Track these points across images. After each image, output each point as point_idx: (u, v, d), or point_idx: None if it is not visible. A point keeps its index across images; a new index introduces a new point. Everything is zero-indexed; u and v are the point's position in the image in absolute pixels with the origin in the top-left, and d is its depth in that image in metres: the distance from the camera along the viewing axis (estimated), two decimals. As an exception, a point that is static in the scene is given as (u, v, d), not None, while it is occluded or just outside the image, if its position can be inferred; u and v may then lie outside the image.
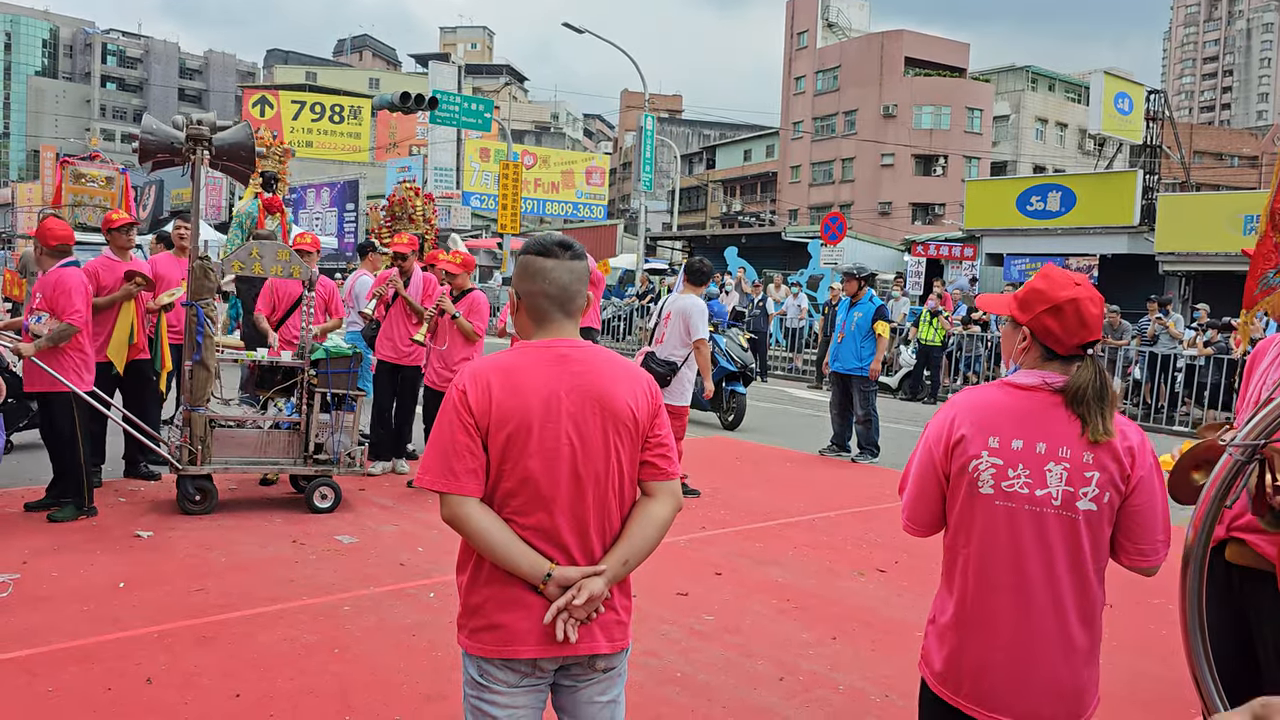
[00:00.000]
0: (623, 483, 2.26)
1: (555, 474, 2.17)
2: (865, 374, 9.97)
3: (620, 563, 2.23)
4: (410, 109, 20.64)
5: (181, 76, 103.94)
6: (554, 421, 2.17)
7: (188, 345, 6.43)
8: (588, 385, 2.21)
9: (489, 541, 2.16)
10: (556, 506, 2.18)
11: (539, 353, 2.24)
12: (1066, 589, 2.23)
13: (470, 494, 2.17)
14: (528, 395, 2.17)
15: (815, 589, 5.63)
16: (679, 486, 2.34)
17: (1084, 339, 2.27)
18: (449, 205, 39.51)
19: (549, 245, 2.30)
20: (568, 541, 2.20)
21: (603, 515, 2.23)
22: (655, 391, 2.33)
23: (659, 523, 2.29)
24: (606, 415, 2.21)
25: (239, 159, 6.74)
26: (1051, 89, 55.85)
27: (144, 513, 6.49)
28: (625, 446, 2.24)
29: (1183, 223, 21.40)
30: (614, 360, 2.31)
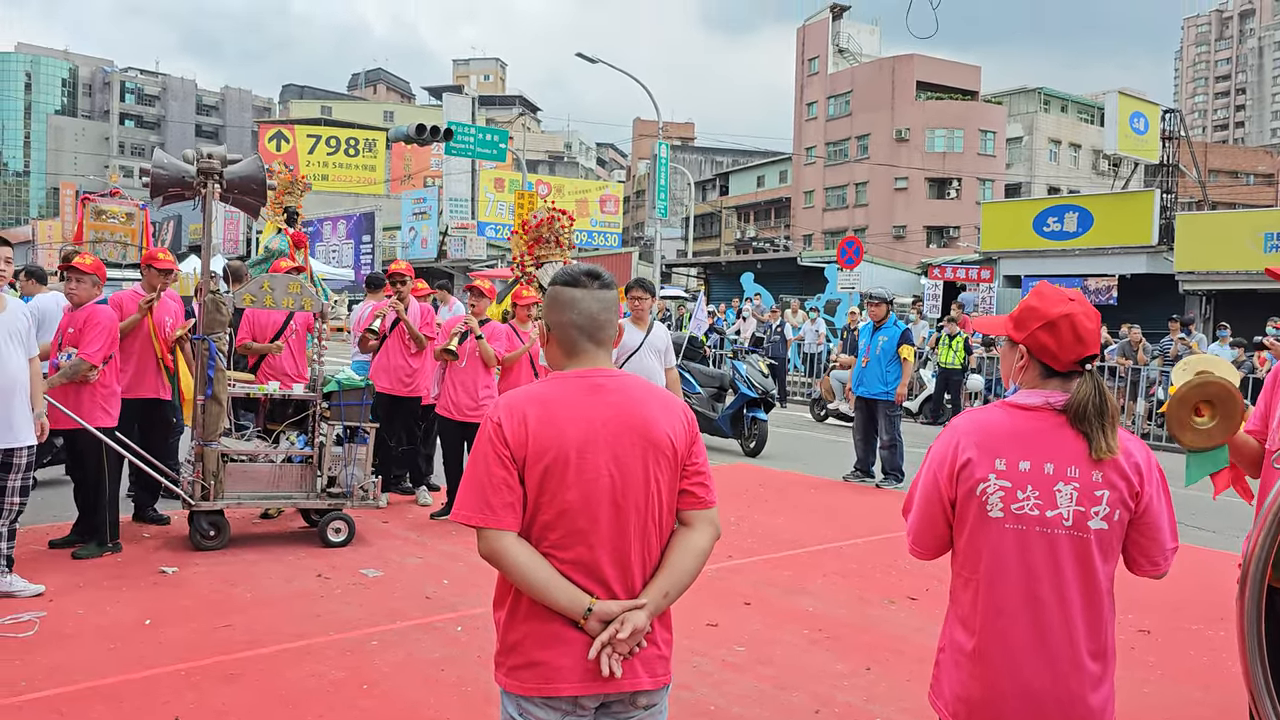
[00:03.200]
0: (662, 513, 2.22)
1: (594, 506, 2.13)
2: (891, 398, 9.91)
3: (661, 594, 2.19)
4: (425, 141, 20.72)
5: (198, 113, 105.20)
6: (592, 453, 2.14)
7: (199, 380, 6.42)
8: (625, 415, 2.18)
9: (528, 576, 2.12)
10: (596, 539, 2.14)
11: (573, 383, 2.21)
12: (1078, 610, 2.20)
13: (508, 528, 2.14)
14: (564, 426, 2.14)
15: (846, 618, 5.55)
16: (717, 515, 2.31)
17: (1080, 354, 2.25)
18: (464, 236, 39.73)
19: (577, 275, 2.29)
20: (608, 575, 2.15)
21: (643, 547, 2.19)
22: (691, 419, 2.30)
23: (699, 552, 2.24)
24: (646, 445, 2.17)
25: (250, 192, 6.75)
26: (1064, 110, 55.86)
27: (167, 548, 6.47)
28: (665, 476, 2.20)
29: (1202, 241, 21.28)
30: (650, 389, 2.28)
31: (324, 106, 77.24)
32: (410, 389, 8.24)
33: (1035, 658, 2.20)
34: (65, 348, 6.12)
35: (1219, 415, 2.88)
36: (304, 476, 6.85)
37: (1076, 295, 2.30)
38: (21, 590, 5.29)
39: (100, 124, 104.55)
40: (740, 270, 30.98)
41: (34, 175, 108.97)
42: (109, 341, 6.13)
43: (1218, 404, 2.87)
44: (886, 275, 29.83)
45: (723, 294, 31.62)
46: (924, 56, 51.67)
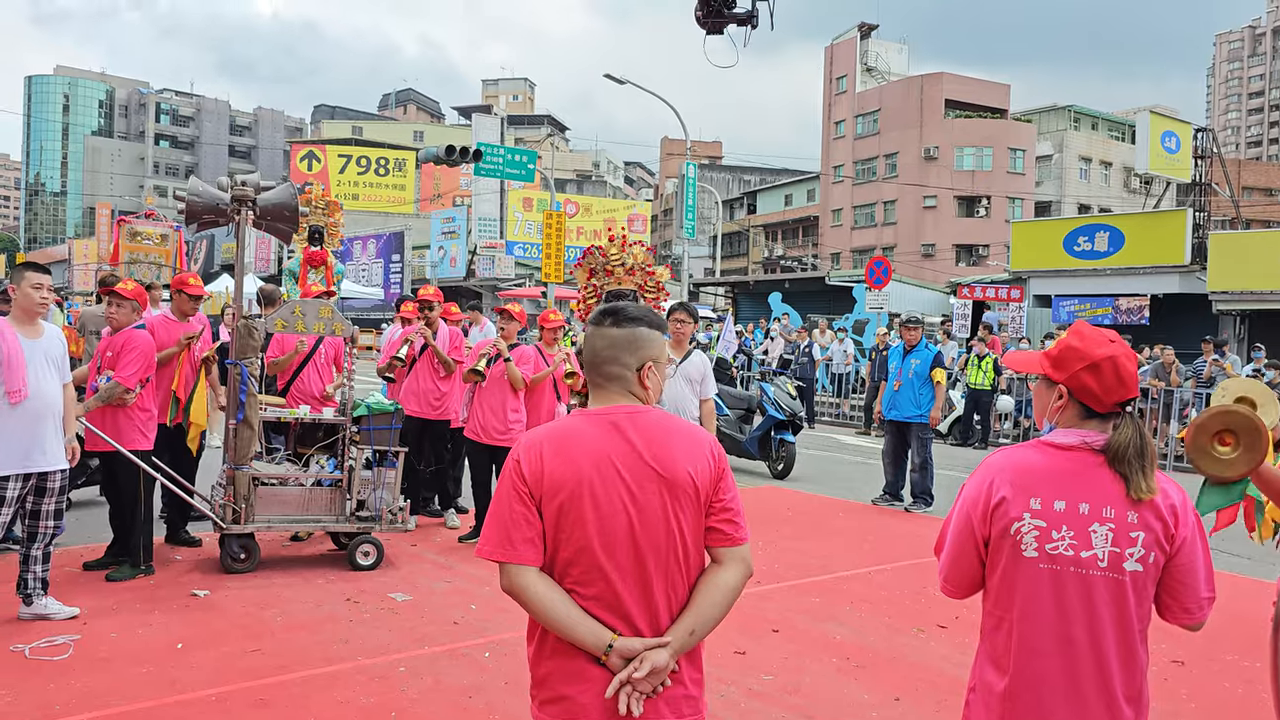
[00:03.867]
0: (687, 551, 2.20)
1: (613, 543, 2.14)
2: (924, 421, 9.88)
3: (686, 633, 2.17)
4: (455, 162, 20.90)
5: (232, 133, 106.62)
6: (608, 490, 2.15)
7: (231, 404, 6.48)
8: (643, 452, 2.18)
9: (548, 612, 2.15)
10: (617, 576, 2.15)
11: (592, 419, 2.24)
12: (1113, 653, 2.18)
13: (528, 563, 2.17)
14: (580, 463, 2.16)
15: (875, 646, 5.51)
16: (748, 552, 2.29)
17: (1122, 396, 2.24)
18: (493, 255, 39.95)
19: (596, 314, 2.35)
20: (631, 611, 2.15)
21: (668, 584, 2.18)
22: (719, 456, 2.27)
23: (727, 591, 2.23)
24: (664, 483, 2.17)
25: (283, 218, 6.84)
26: (1095, 128, 55.49)
27: (199, 570, 6.53)
28: (687, 514, 2.19)
29: (1236, 261, 21.04)
30: (673, 425, 2.27)
31: (355, 127, 78.06)
32: (439, 412, 8.29)
33: (1068, 701, 2.18)
34: (103, 371, 6.21)
35: (1242, 447, 2.84)
36: (333, 500, 6.91)
37: (1116, 336, 2.30)
38: (56, 613, 5.35)
39: (136, 144, 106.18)
40: (768, 289, 30.99)
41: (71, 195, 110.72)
42: (145, 365, 6.22)
43: (1241, 435, 2.82)
44: (915, 295, 29.71)
45: (750, 313, 31.60)
46: (952, 75, 51.63)
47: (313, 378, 8.08)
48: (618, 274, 9.58)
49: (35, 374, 5.16)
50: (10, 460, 5.07)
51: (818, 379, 20.58)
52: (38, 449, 5.18)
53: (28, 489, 5.22)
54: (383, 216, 50.58)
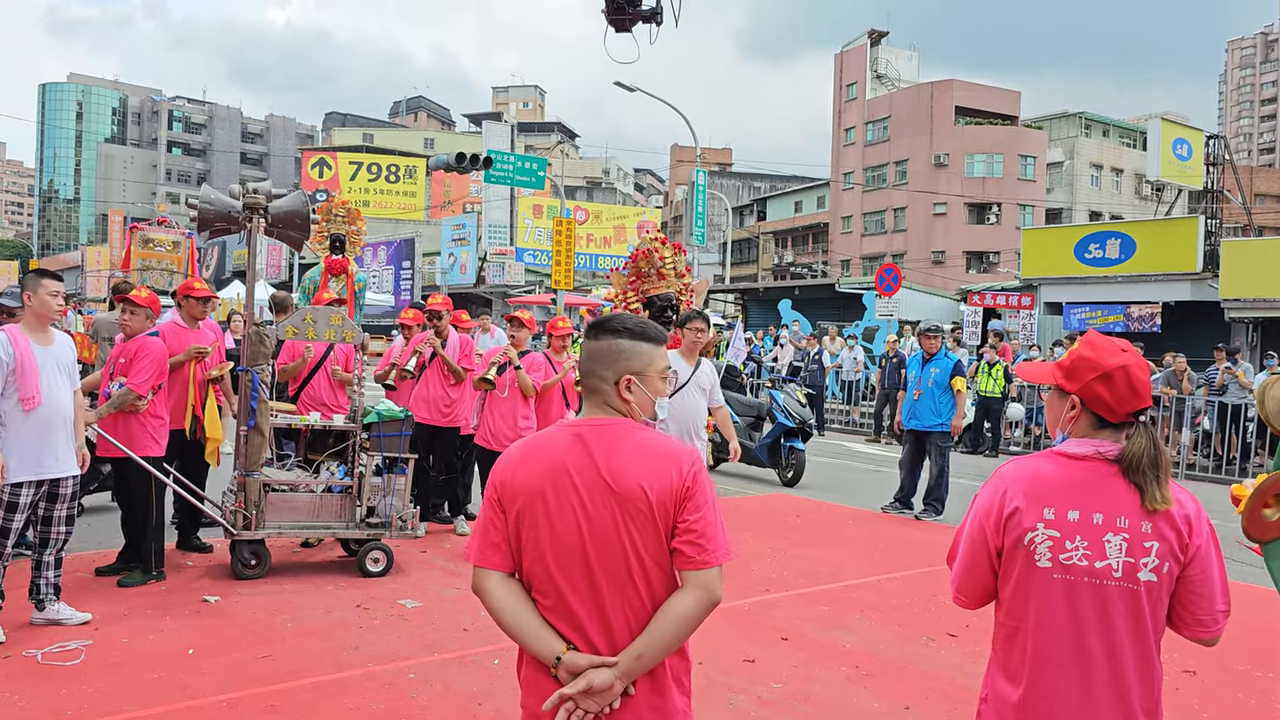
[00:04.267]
0: (645, 569, 2.13)
1: (565, 555, 2.13)
2: (945, 429, 9.85)
3: (634, 657, 2.11)
4: (465, 169, 20.93)
5: (244, 140, 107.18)
6: (561, 501, 2.13)
7: (242, 411, 6.51)
8: (599, 465, 2.13)
9: (501, 618, 2.18)
10: (569, 588, 2.13)
11: (563, 430, 2.24)
12: (1129, 663, 2.17)
13: (493, 568, 2.20)
14: (538, 473, 2.17)
15: (885, 655, 5.50)
16: (715, 576, 2.14)
17: (1135, 406, 2.24)
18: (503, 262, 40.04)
19: (589, 326, 2.34)
20: (585, 625, 2.13)
21: (625, 602, 2.13)
22: (691, 474, 2.15)
23: (677, 619, 2.12)
24: (615, 498, 2.11)
25: (294, 226, 6.87)
26: (1106, 134, 55.37)
27: (210, 576, 6.56)
28: (640, 531, 2.11)
29: (1248, 268, 20.93)
30: (641, 440, 2.19)
31: (366, 134, 78.36)
32: (449, 419, 8.31)
33: (1083, 712, 2.17)
34: (116, 377, 6.24)
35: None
36: (344, 506, 6.93)
37: (1128, 346, 2.29)
38: (68, 618, 5.38)
39: (148, 152, 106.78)
40: (778, 297, 30.95)
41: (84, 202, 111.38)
42: (158, 372, 6.25)
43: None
44: (925, 302, 29.66)
45: (760, 320, 31.58)
46: (962, 81, 51.53)
47: (323, 384, 8.11)
48: (670, 278, 9.36)
49: (48, 381, 5.19)
50: (24, 467, 5.10)
51: (827, 386, 20.56)
52: (50, 455, 5.21)
53: (40, 495, 5.25)
54: (393, 223, 50.73)
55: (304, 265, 41.56)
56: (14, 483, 5.07)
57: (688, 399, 7.18)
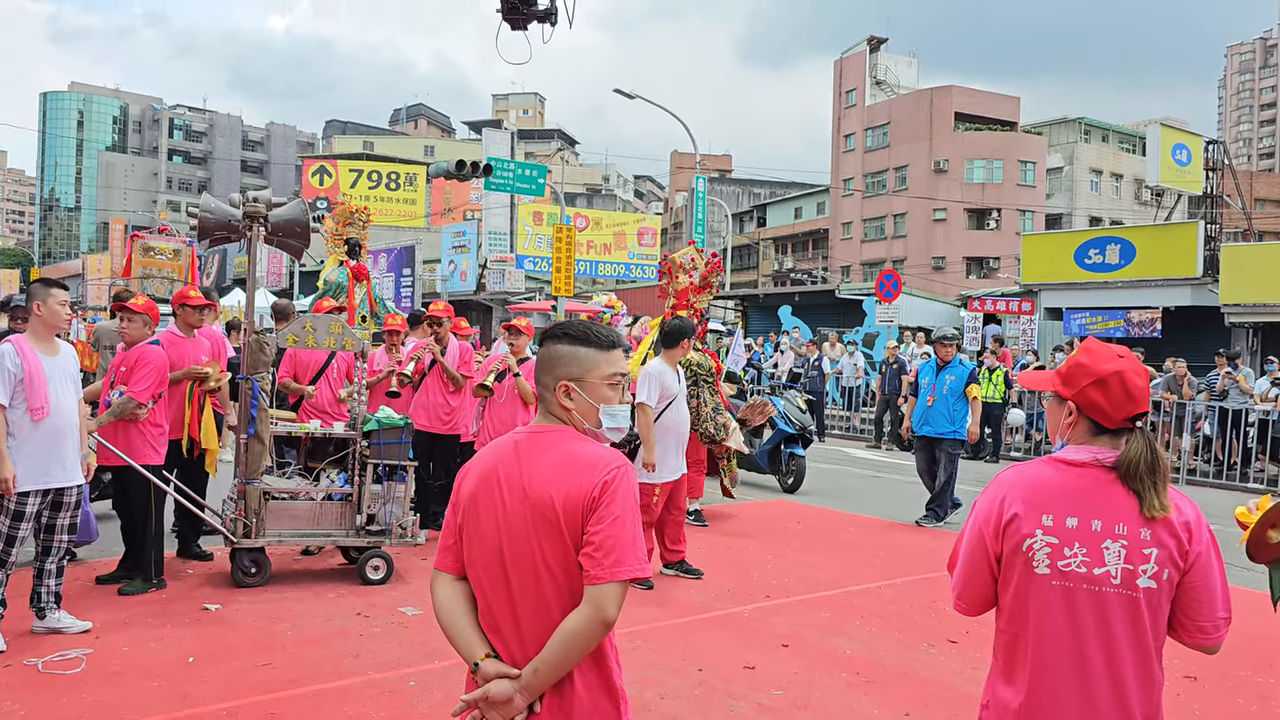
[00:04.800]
0: (555, 580, 2.09)
1: (488, 562, 2.15)
2: (959, 436, 9.85)
3: (531, 670, 2.07)
4: (465, 176, 20.98)
5: (244, 148, 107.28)
6: (488, 508, 2.16)
7: (242, 419, 6.51)
8: (520, 473, 2.14)
9: (440, 619, 2.24)
10: (494, 596, 2.15)
11: (509, 437, 2.26)
12: (1129, 670, 2.17)
13: (444, 569, 2.26)
14: (475, 480, 2.21)
15: (885, 661, 5.50)
16: (609, 593, 2.04)
17: (1131, 412, 2.24)
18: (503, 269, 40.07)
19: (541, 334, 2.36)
20: (505, 633, 2.15)
21: (538, 613, 2.10)
22: (600, 483, 2.07)
23: (565, 635, 2.05)
24: (528, 506, 2.10)
25: (294, 235, 6.89)
26: (1105, 140, 55.46)
27: (210, 584, 6.56)
28: (548, 541, 2.08)
29: (1248, 273, 20.94)
30: (567, 448, 2.14)
31: (366, 141, 78.45)
32: (449, 426, 8.31)
33: (1082, 718, 2.18)
34: (116, 386, 6.25)
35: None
36: (343, 514, 6.93)
37: (1125, 352, 2.30)
38: (69, 626, 5.38)
39: (149, 160, 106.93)
40: (778, 303, 30.96)
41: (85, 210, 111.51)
42: (158, 380, 6.25)
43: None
44: (926, 307, 29.66)
45: (760, 326, 31.59)
46: (961, 87, 51.67)
47: (325, 392, 8.12)
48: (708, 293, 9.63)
49: (55, 391, 5.21)
50: (31, 476, 5.11)
51: (828, 392, 20.55)
52: (57, 465, 5.23)
53: (45, 504, 5.26)
54: (394, 230, 50.73)
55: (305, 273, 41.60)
56: (21, 491, 5.08)
57: (683, 408, 7.20)
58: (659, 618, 6.13)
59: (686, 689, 4.89)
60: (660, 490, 7.00)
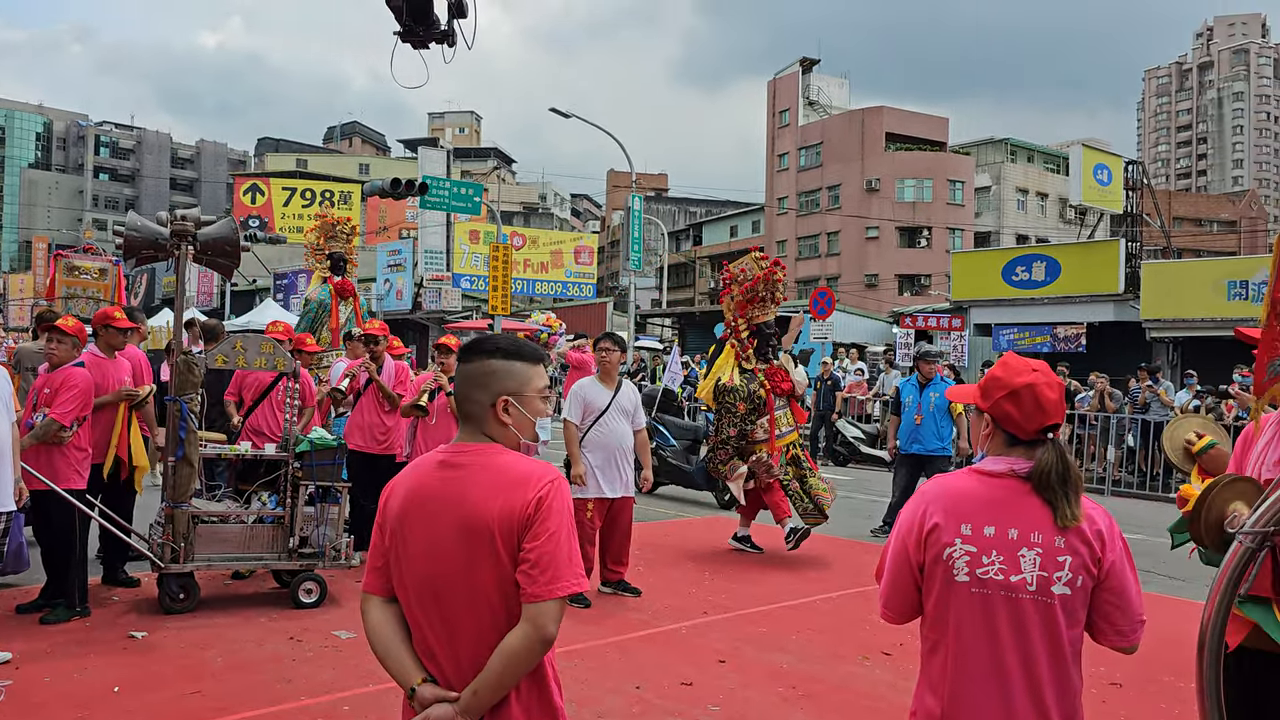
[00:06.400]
0: (491, 600, 2.07)
1: (419, 584, 2.12)
2: (948, 453, 9.99)
3: (470, 693, 2.06)
4: (401, 195, 20.81)
5: (173, 166, 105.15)
6: (416, 529, 2.12)
7: (170, 441, 6.38)
8: (450, 493, 2.10)
9: (372, 644, 2.20)
10: (424, 617, 2.12)
11: (432, 456, 2.22)
12: (1045, 675, 2.24)
13: (374, 592, 2.22)
14: (403, 499, 2.17)
15: (821, 675, 5.56)
16: (547, 610, 2.04)
17: (1042, 423, 2.31)
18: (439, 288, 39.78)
19: (461, 349, 2.31)
20: (440, 657, 2.12)
21: (475, 634, 2.08)
22: (534, 499, 2.06)
23: (506, 653, 2.04)
24: (460, 525, 2.07)
25: (224, 253, 6.78)
26: (1031, 160, 56.85)
27: (136, 611, 6.39)
28: (484, 560, 2.05)
29: (1167, 289, 21.64)
30: (498, 467, 2.12)
31: (299, 159, 77.42)
32: (384, 446, 8.23)
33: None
34: (39, 408, 6.09)
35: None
36: (275, 537, 6.81)
37: (1040, 366, 2.37)
38: (-12, 658, 5.21)
39: (74, 178, 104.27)
40: (714, 320, 31.15)
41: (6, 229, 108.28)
42: (83, 403, 6.11)
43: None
44: (859, 324, 30.10)
45: (697, 344, 31.75)
46: (892, 108, 52.62)
47: (267, 414, 7.98)
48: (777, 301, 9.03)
49: None
50: None
51: (764, 409, 20.68)
52: None
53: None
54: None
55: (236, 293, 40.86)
56: None
57: (611, 424, 7.17)
58: (597, 635, 6.12)
59: (624, 707, 4.89)
60: (594, 506, 7.00)
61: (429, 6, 7.81)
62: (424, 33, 7.87)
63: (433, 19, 7.87)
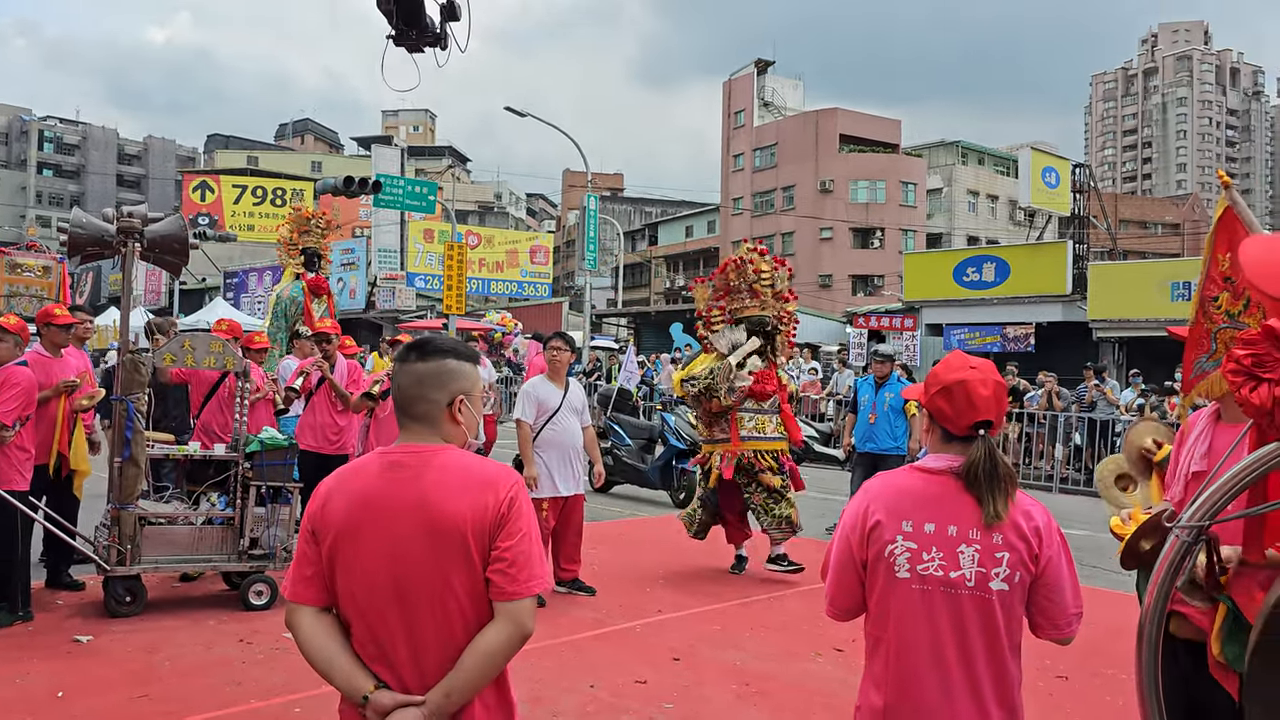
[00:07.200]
0: (460, 602, 2.05)
1: (377, 588, 2.06)
2: (901, 452, 9.93)
3: (442, 695, 2.03)
4: (354, 193, 20.65)
5: (120, 162, 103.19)
6: (372, 533, 2.06)
7: (116, 441, 6.27)
8: (411, 495, 2.06)
9: (310, 655, 2.11)
10: (382, 624, 2.07)
11: (377, 459, 2.16)
12: (984, 669, 2.28)
13: (304, 602, 2.14)
14: (348, 504, 2.10)
15: (774, 672, 5.60)
16: (525, 608, 2.08)
17: (973, 419, 2.34)
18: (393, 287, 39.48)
19: (402, 349, 2.25)
20: (398, 663, 2.07)
21: (439, 637, 2.06)
22: (513, 500, 2.09)
23: (484, 654, 2.04)
24: (431, 529, 2.04)
25: (172, 250, 6.69)
26: (981, 162, 57.62)
27: (81, 615, 6.27)
28: (454, 562, 2.04)
29: (1113, 291, 22.06)
30: (457, 467, 2.12)
31: (250, 157, 76.41)
32: (336, 446, 8.14)
33: (942, 716, 2.27)
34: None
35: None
36: (225, 539, 6.72)
37: (980, 364, 2.41)
38: (-74, 664, 5.09)
39: (17, 173, 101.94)
40: (670, 320, 31.23)
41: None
42: (25, 402, 5.97)
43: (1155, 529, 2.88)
44: (813, 324, 30.32)
45: (653, 344, 31.84)
46: (846, 110, 53.07)
47: (215, 413, 7.87)
48: (765, 297, 8.11)
49: None
50: None
51: (719, 408, 20.77)
52: None
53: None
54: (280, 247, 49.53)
55: (185, 291, 40.24)
56: None
57: (564, 422, 7.18)
58: (552, 635, 6.11)
59: (579, 705, 4.90)
60: (549, 505, 7.00)
61: (420, 10, 7.72)
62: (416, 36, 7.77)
63: (425, 22, 7.78)
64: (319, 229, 11.67)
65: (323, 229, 11.71)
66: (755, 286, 8.10)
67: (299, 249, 11.50)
